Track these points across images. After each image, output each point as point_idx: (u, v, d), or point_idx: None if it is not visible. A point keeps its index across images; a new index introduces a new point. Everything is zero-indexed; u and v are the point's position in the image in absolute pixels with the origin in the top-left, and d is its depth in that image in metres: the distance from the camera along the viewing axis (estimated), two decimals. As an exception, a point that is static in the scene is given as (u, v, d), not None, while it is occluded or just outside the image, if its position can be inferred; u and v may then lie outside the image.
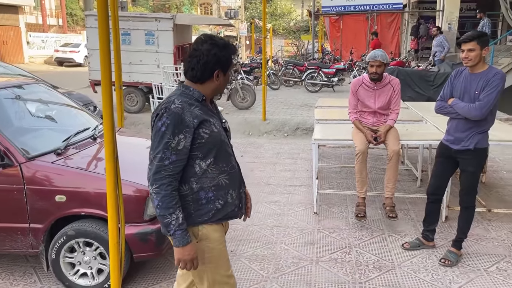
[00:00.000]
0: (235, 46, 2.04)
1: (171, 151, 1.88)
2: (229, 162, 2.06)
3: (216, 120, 2.04)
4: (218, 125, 2.03)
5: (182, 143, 1.89)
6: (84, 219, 3.10)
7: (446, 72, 8.69)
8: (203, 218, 2.01)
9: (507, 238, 3.97)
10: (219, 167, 2.01)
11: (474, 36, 3.17)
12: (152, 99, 5.76)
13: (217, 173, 2.01)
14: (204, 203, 2.00)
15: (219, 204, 2.03)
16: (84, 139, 3.65)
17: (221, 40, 1.96)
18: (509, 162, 6.32)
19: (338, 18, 18.06)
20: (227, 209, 2.07)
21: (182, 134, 1.88)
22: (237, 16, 39.35)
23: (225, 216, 2.08)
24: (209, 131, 1.95)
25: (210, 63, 1.93)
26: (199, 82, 1.98)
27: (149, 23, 9.41)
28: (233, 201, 2.08)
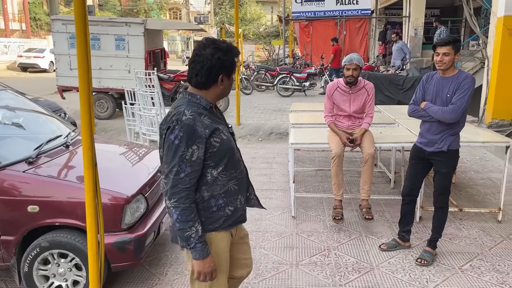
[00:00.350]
0: (237, 49, 2.00)
1: (186, 164, 1.85)
2: (238, 168, 2.05)
3: (224, 127, 2.02)
4: (226, 131, 2.01)
5: (196, 154, 1.86)
6: (58, 229, 3.00)
7: (414, 76, 8.93)
8: (214, 226, 2.00)
9: (478, 236, 4.09)
10: (229, 174, 1.99)
11: (450, 40, 3.27)
12: (125, 105, 5.65)
13: (227, 180, 1.99)
14: (215, 211, 1.98)
15: (229, 210, 2.02)
16: (56, 146, 3.53)
17: (223, 44, 1.92)
18: (476, 163, 6.53)
19: (307, 23, 18.30)
20: (236, 214, 2.07)
21: (195, 145, 1.85)
22: (207, 21, 39.33)
23: (234, 222, 2.07)
24: (220, 139, 1.93)
25: (215, 68, 1.89)
26: (204, 88, 1.95)
27: (119, 28, 9.26)
28: (241, 206, 2.09)
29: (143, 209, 3.23)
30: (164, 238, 4.02)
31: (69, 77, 9.69)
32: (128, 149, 4.25)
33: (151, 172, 3.60)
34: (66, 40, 9.52)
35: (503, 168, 4.38)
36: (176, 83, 10.35)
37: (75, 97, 10.96)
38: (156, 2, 44.53)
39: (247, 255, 2.31)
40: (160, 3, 44.89)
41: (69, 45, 9.55)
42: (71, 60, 9.61)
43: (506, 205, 4.57)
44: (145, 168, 3.73)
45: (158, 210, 3.47)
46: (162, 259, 3.71)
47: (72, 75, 9.63)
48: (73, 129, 4.06)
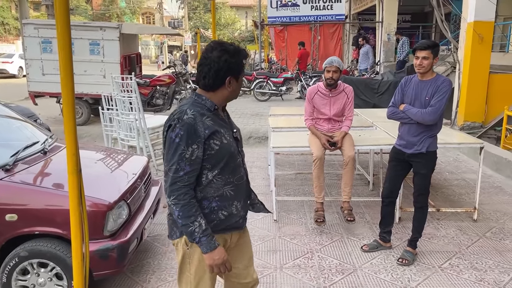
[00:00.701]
0: (245, 51, 1.99)
1: (185, 162, 1.86)
2: (236, 174, 2.02)
3: (227, 131, 2.00)
4: (229, 136, 1.99)
5: (196, 153, 1.87)
6: (37, 238, 2.92)
7: (389, 80, 9.12)
8: None
9: (455, 235, 4.19)
10: (224, 178, 1.98)
11: (429, 45, 3.36)
12: (102, 110, 5.55)
13: (222, 184, 1.98)
14: (207, 213, 1.97)
15: (223, 215, 2.00)
16: (34, 153, 3.44)
17: (231, 46, 1.93)
18: (450, 164, 6.71)
19: (282, 28, 18.43)
20: (230, 220, 2.03)
21: (195, 145, 1.87)
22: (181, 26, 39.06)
23: (228, 227, 2.04)
24: (219, 142, 1.92)
25: (222, 71, 1.90)
26: (211, 90, 1.95)
27: (94, 32, 9.11)
28: (238, 212, 2.05)
29: (126, 216, 3.17)
30: (146, 245, 3.96)
31: (42, 82, 9.47)
32: (108, 155, 4.17)
33: (132, 178, 3.54)
34: (38, 44, 9.30)
35: (476, 169, 4.51)
36: (153, 88, 10.26)
37: (48, 103, 10.76)
38: (129, 6, 44.02)
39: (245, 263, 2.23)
40: (133, 7, 44.40)
41: (41, 50, 9.33)
42: (44, 65, 9.40)
43: (481, 204, 4.72)
44: (126, 174, 3.68)
45: (141, 216, 3.42)
46: (144, 266, 3.65)
47: (44, 80, 9.43)
48: (50, 135, 3.97)
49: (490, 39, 7.84)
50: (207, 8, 42.92)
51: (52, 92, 9.48)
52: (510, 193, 5.38)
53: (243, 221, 2.14)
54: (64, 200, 2.87)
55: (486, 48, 7.73)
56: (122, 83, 5.42)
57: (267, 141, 7.86)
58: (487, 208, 4.84)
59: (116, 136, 5.45)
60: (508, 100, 7.68)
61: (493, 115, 8.01)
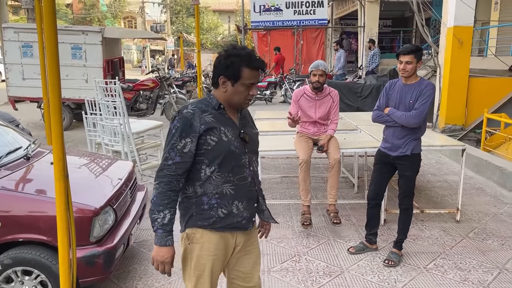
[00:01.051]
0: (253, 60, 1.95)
1: (176, 153, 1.93)
2: (237, 173, 2.02)
3: (231, 130, 2.01)
4: (232, 135, 2.00)
5: (188, 147, 1.93)
6: (22, 245, 2.86)
7: (372, 84, 9.25)
8: (203, 223, 2.03)
9: (439, 236, 4.26)
10: (224, 176, 2.00)
11: (412, 49, 3.41)
12: (85, 115, 5.49)
13: (221, 182, 2.00)
14: (206, 209, 2.01)
15: (222, 213, 2.02)
16: (17, 159, 3.37)
17: (232, 49, 1.96)
18: (432, 166, 6.82)
19: (266, 33, 18.52)
20: (231, 219, 2.04)
21: (189, 138, 1.93)
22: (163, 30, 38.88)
23: (228, 226, 2.04)
24: (217, 139, 1.96)
25: (216, 69, 1.98)
26: (214, 87, 2.04)
27: (76, 36, 9.01)
28: (239, 212, 2.05)
29: (112, 221, 3.14)
30: (132, 251, 3.92)
31: (22, 87, 9.32)
32: (92, 160, 4.12)
33: (118, 183, 3.51)
34: (18, 49, 9.15)
35: (458, 171, 4.62)
36: (136, 92, 10.18)
37: (28, 108, 10.58)
38: (110, 10, 43.63)
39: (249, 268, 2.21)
40: (115, 11, 44.03)
41: (21, 54, 9.19)
42: (24, 69, 9.25)
43: (463, 205, 4.80)
44: (111, 179, 3.63)
45: (127, 222, 3.39)
46: (131, 272, 3.61)
47: (25, 85, 9.28)
48: (33, 140, 3.90)
49: (469, 43, 8.02)
50: (190, 13, 42.83)
51: (33, 97, 9.32)
52: (491, 194, 5.50)
53: (248, 223, 2.11)
54: (48, 206, 2.84)
55: (465, 52, 7.91)
56: (106, 88, 5.37)
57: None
58: (469, 209, 4.94)
59: (100, 141, 5.39)
60: (487, 103, 7.87)
61: (473, 118, 8.18)
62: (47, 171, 3.42)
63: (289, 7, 16.62)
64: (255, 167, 2.14)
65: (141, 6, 42.33)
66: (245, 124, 2.13)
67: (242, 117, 2.12)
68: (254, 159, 2.13)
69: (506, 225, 4.52)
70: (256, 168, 2.16)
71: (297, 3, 16.55)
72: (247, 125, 2.14)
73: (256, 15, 16.80)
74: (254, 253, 2.23)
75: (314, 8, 16.51)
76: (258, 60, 1.98)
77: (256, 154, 2.17)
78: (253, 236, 2.22)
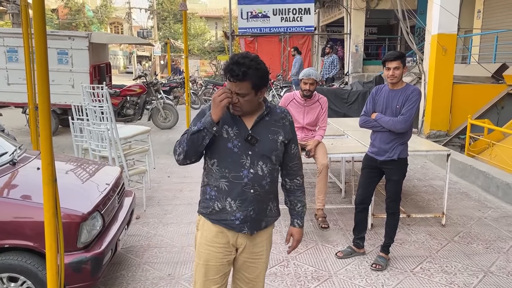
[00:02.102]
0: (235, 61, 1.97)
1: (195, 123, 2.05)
2: (233, 171, 2.07)
3: (236, 129, 2.07)
4: (235, 134, 2.07)
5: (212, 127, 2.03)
6: (7, 251, 2.82)
7: (358, 90, 9.35)
8: (203, 211, 2.18)
9: (426, 240, 4.32)
10: (221, 171, 2.08)
11: (398, 55, 3.47)
12: (72, 121, 5.44)
13: (219, 176, 2.09)
14: (207, 198, 2.15)
15: (217, 206, 2.12)
16: (2, 164, 3.33)
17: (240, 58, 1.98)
18: (418, 171, 6.91)
19: (253, 39, 18.61)
20: (224, 215, 2.11)
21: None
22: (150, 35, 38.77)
23: (222, 221, 2.12)
24: (218, 134, 2.05)
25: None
26: None
27: (62, 41, 8.94)
28: (232, 211, 2.09)
29: (100, 227, 3.11)
30: (120, 257, 3.89)
31: (7, 92, 9.20)
32: (79, 165, 4.09)
33: (105, 188, 3.48)
34: (3, 53, 9.05)
35: (443, 175, 4.68)
36: (123, 98, 10.13)
37: (12, 114, 10.43)
38: (96, 16, 43.37)
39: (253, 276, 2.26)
40: (101, 17, 43.77)
41: (6, 59, 9.08)
42: (9, 74, 9.14)
43: (448, 209, 4.88)
44: (99, 184, 3.60)
45: (115, 227, 3.36)
46: (118, 279, 3.58)
47: (10, 90, 9.16)
48: (19, 145, 3.85)
49: (453, 50, 8.17)
50: (177, 19, 42.81)
51: (18, 102, 9.21)
52: (475, 198, 5.59)
53: (241, 226, 2.09)
54: (35, 211, 2.81)
55: (449, 59, 8.05)
56: (93, 93, 5.33)
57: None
58: (454, 213, 5.01)
59: (87, 146, 5.35)
60: (471, 109, 8.03)
61: (457, 124, 8.32)
62: (33, 176, 3.39)
63: (276, 14, 16.71)
64: (260, 171, 2.08)
65: (128, 11, 42.17)
66: (263, 128, 2.11)
67: (264, 121, 2.12)
68: (260, 163, 2.08)
69: (490, 229, 4.60)
70: (262, 172, 2.09)
71: (284, 10, 16.66)
72: (265, 128, 2.11)
73: (244, 22, 16.84)
74: (260, 264, 2.26)
75: (301, 15, 16.62)
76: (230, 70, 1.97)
77: (266, 159, 2.10)
78: (260, 246, 2.22)
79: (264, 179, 2.10)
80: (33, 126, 5.67)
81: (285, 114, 2.20)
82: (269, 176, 2.13)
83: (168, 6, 44.16)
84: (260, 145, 2.08)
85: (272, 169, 2.13)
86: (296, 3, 16.76)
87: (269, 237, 2.30)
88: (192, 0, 43.61)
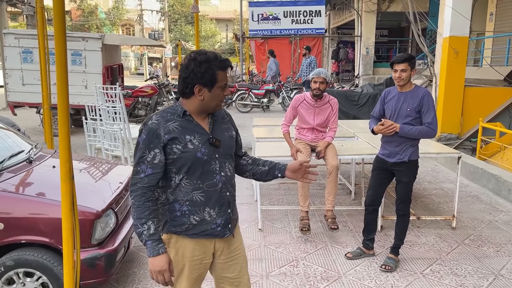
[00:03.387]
0: (223, 61, 1.95)
1: (147, 165, 1.92)
2: (206, 180, 1.99)
3: (198, 136, 1.98)
4: (199, 141, 1.97)
5: (158, 158, 1.92)
6: (24, 247, 2.89)
7: (368, 93, 9.34)
8: (176, 229, 2.02)
9: (435, 242, 4.31)
10: (192, 183, 1.98)
11: (406, 58, 3.50)
12: (86, 121, 5.53)
13: (191, 189, 1.98)
14: (179, 215, 2.00)
15: (194, 220, 2.00)
16: (19, 162, 3.42)
17: (202, 56, 1.92)
18: (429, 174, 6.89)
19: (263, 41, 18.69)
20: (205, 226, 2.01)
21: (157, 149, 1.92)
22: (162, 37, 39.09)
23: (202, 233, 2.02)
24: (182, 147, 1.93)
25: (188, 79, 1.92)
26: (184, 97, 1.99)
27: (76, 43, 9.07)
28: (212, 219, 2.02)
29: (113, 224, 3.18)
30: (132, 255, 3.95)
31: (22, 92, 9.37)
32: (93, 164, 4.16)
33: (118, 187, 3.55)
34: (18, 54, 9.21)
35: (453, 179, 4.68)
36: (135, 99, 10.24)
37: (26, 114, 10.60)
38: (108, 18, 43.82)
39: (236, 274, 2.18)
40: (113, 19, 44.21)
41: (21, 60, 9.25)
42: (24, 75, 9.31)
43: (459, 212, 4.87)
44: (112, 182, 3.67)
45: (127, 225, 3.43)
46: (130, 276, 3.63)
47: (24, 90, 9.33)
48: (35, 144, 3.94)
49: (465, 53, 8.14)
50: (188, 21, 43.09)
51: (32, 102, 9.36)
52: (486, 201, 5.56)
53: (223, 230, 2.07)
54: (50, 208, 2.88)
55: (461, 62, 8.02)
56: (106, 93, 5.42)
57: (250, 152, 7.94)
58: (465, 216, 4.99)
59: (100, 146, 5.43)
60: (483, 112, 7.98)
61: (468, 127, 8.28)
62: (48, 174, 3.47)
63: (287, 16, 16.80)
64: (228, 171, 2.08)
65: (140, 13, 42.55)
66: (218, 128, 2.08)
67: (214, 121, 2.08)
68: (227, 164, 2.08)
69: (501, 232, 4.58)
70: (230, 172, 2.09)
71: (295, 12, 16.74)
72: (219, 129, 2.09)
73: (254, 24, 16.95)
74: (240, 258, 2.20)
75: (312, 17, 16.68)
76: (226, 59, 1.99)
77: (229, 158, 2.10)
78: (236, 242, 2.18)
79: (233, 178, 2.13)
80: (47, 126, 5.79)
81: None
82: (234, 173, 2.16)
83: (179, 8, 44.51)
84: (223, 146, 2.06)
85: (233, 166, 2.15)
86: (307, 6, 16.83)
87: (238, 227, 2.26)
88: (203, 2, 43.82)
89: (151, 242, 1.91)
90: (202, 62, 1.91)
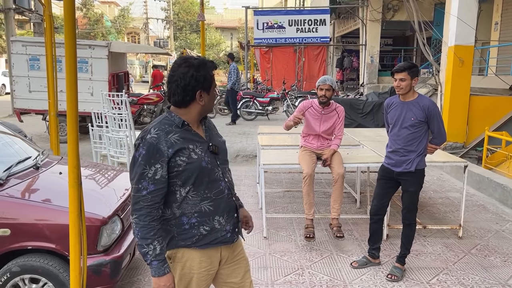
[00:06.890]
0: (212, 63, 1.98)
1: (149, 181, 1.85)
2: (213, 188, 1.98)
3: (200, 145, 1.96)
4: (201, 150, 1.95)
5: (160, 173, 1.86)
6: (30, 253, 2.90)
7: (373, 101, 9.34)
8: (186, 242, 1.97)
9: (442, 252, 4.28)
10: (200, 194, 1.95)
11: (405, 67, 3.51)
12: (92, 127, 5.56)
13: (199, 200, 1.95)
14: (188, 228, 1.96)
15: (204, 230, 1.97)
16: (26, 168, 3.43)
17: (195, 60, 1.92)
18: (434, 183, 6.86)
19: (268, 50, 18.77)
20: (215, 234, 2.00)
21: (158, 164, 1.86)
22: (167, 45, 39.34)
23: (213, 242, 2.00)
24: (186, 158, 1.90)
25: (190, 85, 1.90)
26: (183, 106, 1.95)
27: (83, 50, 9.14)
28: (222, 226, 2.01)
29: (119, 231, 3.18)
30: (137, 262, 3.94)
31: (28, 99, 9.43)
32: (99, 171, 4.17)
33: (124, 194, 3.55)
34: (25, 61, 9.29)
35: (460, 188, 4.66)
36: (140, 106, 10.29)
37: (32, 121, 10.65)
38: (114, 26, 44.18)
39: (240, 278, 2.17)
40: (119, 27, 44.57)
41: (28, 67, 9.32)
42: (31, 82, 9.38)
43: (465, 222, 4.83)
44: (118, 189, 3.68)
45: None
46: (135, 283, 3.63)
47: (31, 97, 9.39)
48: (42, 150, 3.96)
49: (470, 62, 8.12)
50: (193, 29, 43.37)
51: (39, 109, 9.42)
52: (492, 211, 5.53)
53: (232, 235, 2.07)
54: (57, 214, 2.89)
55: (466, 71, 8.01)
56: (113, 100, 5.45)
57: (254, 159, 7.94)
58: (471, 226, 4.96)
59: (106, 153, 5.45)
60: (488, 121, 7.95)
61: (474, 136, 8.25)
62: (55, 181, 3.49)
63: (292, 25, 16.85)
64: (229, 176, 2.10)
65: (145, 22, 42.88)
66: (212, 135, 2.08)
67: (207, 128, 2.08)
68: (227, 169, 2.09)
69: (509, 242, 4.55)
70: (231, 177, 2.11)
71: (299, 21, 16.79)
72: (213, 135, 2.10)
73: (259, 32, 17.02)
74: (242, 262, 2.20)
75: (317, 26, 16.73)
76: (212, 60, 2.01)
77: (227, 163, 2.12)
78: (238, 246, 2.18)
79: (233, 183, 2.13)
80: (53, 133, 5.82)
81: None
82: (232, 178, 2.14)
83: (184, 16, 44.80)
84: (220, 152, 2.06)
85: (230, 171, 2.15)
86: (312, 14, 16.90)
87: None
88: (208, 11, 44.15)
89: (157, 262, 1.88)
90: (200, 66, 1.92)
